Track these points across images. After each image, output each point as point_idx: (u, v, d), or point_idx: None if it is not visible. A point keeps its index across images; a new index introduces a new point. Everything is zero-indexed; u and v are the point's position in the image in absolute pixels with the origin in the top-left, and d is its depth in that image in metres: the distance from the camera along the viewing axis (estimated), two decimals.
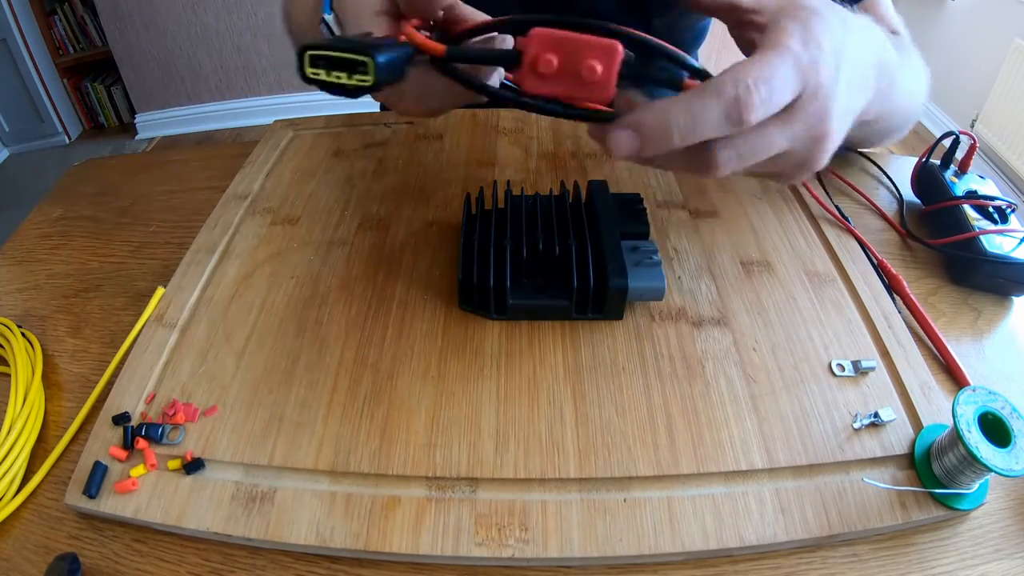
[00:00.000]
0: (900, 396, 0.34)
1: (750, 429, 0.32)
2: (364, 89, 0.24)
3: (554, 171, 0.50)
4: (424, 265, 0.42)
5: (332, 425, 0.32)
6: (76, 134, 2.34)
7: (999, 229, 0.42)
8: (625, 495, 0.30)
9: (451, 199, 0.47)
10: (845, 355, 0.36)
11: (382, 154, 0.52)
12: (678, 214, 0.46)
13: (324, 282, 0.40)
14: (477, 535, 0.28)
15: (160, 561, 0.29)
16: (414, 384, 0.34)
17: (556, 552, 0.28)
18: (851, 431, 0.32)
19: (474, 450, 0.31)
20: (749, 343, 0.37)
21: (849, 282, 0.40)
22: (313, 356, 0.36)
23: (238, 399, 0.34)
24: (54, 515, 0.31)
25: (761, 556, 0.29)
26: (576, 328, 0.37)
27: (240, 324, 0.38)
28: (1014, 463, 0.27)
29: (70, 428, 0.34)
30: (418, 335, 0.37)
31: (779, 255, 0.42)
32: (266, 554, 0.29)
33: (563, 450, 0.31)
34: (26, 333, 0.39)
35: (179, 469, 0.31)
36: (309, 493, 0.30)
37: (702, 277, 0.41)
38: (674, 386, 0.34)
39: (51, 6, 2.14)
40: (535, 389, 0.34)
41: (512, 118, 0.57)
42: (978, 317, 0.41)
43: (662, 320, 0.38)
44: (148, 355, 0.36)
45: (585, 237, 0.38)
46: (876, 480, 0.30)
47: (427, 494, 0.30)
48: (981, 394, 0.29)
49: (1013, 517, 0.31)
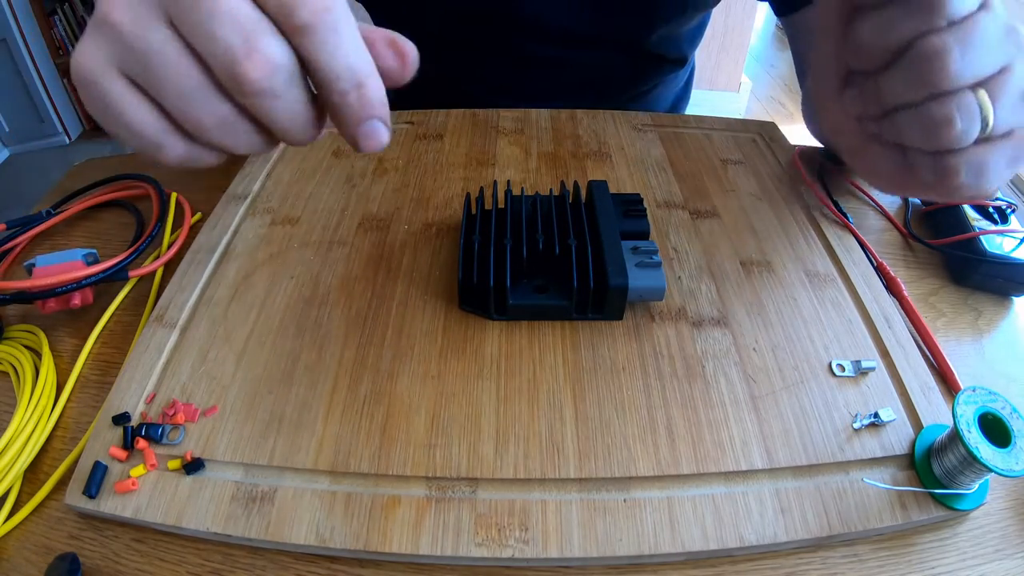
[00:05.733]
0: (900, 396, 0.34)
1: (750, 429, 0.32)
2: None
3: (554, 171, 0.50)
4: (424, 265, 0.42)
5: (332, 425, 0.32)
6: (76, 134, 2.34)
7: (999, 229, 0.42)
8: (625, 495, 0.30)
9: (451, 199, 0.47)
10: (845, 355, 0.36)
11: (382, 154, 0.52)
12: (678, 214, 0.46)
13: (324, 282, 0.40)
14: (477, 535, 0.28)
15: (160, 561, 0.29)
16: (414, 384, 0.34)
17: (556, 552, 0.28)
18: (851, 431, 0.32)
19: (474, 450, 0.31)
20: (749, 343, 0.37)
21: (849, 282, 0.40)
22: (313, 356, 0.36)
23: (238, 399, 0.34)
24: (54, 515, 0.31)
25: (761, 556, 0.29)
26: (576, 328, 0.37)
27: (240, 324, 0.38)
28: (1014, 463, 0.27)
29: (84, 435, 0.34)
30: (418, 335, 0.37)
31: (779, 255, 0.42)
32: (266, 554, 0.29)
33: (563, 450, 0.31)
34: (35, 331, 0.39)
35: (179, 469, 0.31)
36: (309, 493, 0.30)
37: (702, 277, 0.41)
38: (674, 386, 0.34)
39: (51, 6, 2.14)
40: (535, 389, 0.34)
41: (512, 118, 0.57)
42: (978, 317, 0.41)
43: (662, 320, 0.38)
44: (148, 355, 0.36)
45: (585, 237, 0.38)
46: (876, 480, 0.30)
47: (427, 494, 0.30)
48: (981, 394, 0.29)
49: (1013, 517, 0.31)
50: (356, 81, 0.22)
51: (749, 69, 2.46)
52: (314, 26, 0.21)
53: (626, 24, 0.58)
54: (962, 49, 0.26)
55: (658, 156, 0.52)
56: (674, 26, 0.61)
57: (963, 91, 0.27)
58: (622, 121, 0.57)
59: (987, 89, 0.27)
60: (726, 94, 2.39)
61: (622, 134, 0.55)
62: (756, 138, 0.55)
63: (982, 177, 0.28)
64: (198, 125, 0.22)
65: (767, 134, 0.56)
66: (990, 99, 0.27)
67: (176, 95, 0.22)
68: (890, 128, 0.30)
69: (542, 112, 0.58)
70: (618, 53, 0.62)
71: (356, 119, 0.23)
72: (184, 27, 0.21)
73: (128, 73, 0.22)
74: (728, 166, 0.51)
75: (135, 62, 0.21)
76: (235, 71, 0.21)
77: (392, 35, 0.23)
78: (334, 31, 0.21)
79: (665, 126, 0.56)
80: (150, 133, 0.23)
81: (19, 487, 0.32)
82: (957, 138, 0.27)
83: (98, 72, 0.22)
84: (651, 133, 0.55)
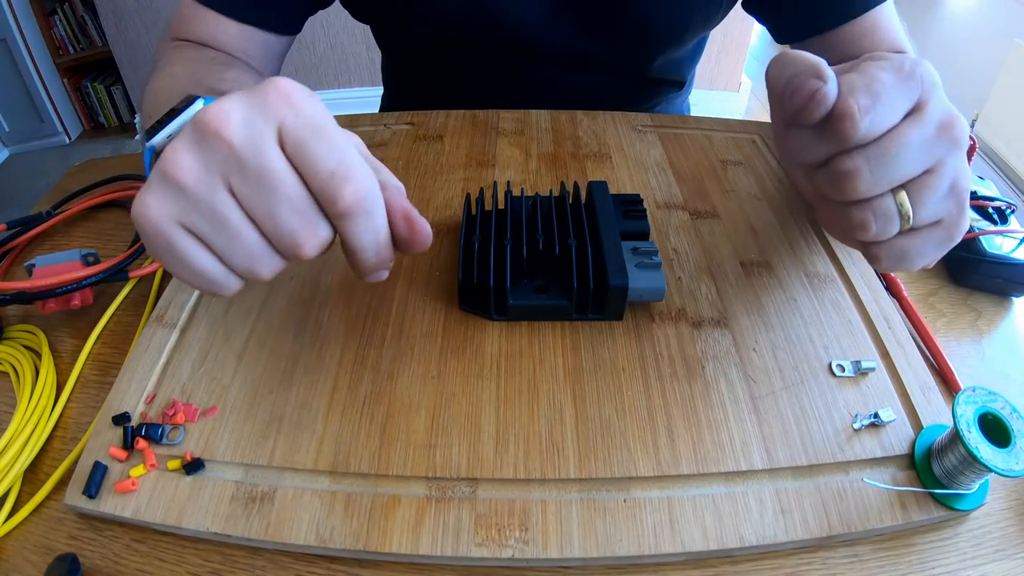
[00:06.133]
0: (900, 396, 0.34)
1: (750, 429, 0.32)
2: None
3: (554, 172, 0.50)
4: (424, 265, 0.42)
5: (332, 425, 0.32)
6: (76, 134, 2.34)
7: (999, 230, 0.42)
8: (625, 495, 0.30)
9: (451, 200, 0.47)
10: (845, 356, 0.36)
11: (382, 155, 0.52)
12: (678, 215, 0.46)
13: (324, 282, 0.40)
14: (477, 535, 0.28)
15: (160, 561, 0.29)
16: (414, 384, 0.34)
17: (556, 552, 0.28)
18: (851, 431, 0.32)
19: (474, 450, 0.31)
20: (749, 344, 0.37)
21: (849, 283, 0.40)
22: (313, 356, 0.36)
23: (238, 399, 0.34)
24: (54, 515, 0.31)
25: (761, 556, 0.29)
26: (576, 329, 0.37)
27: (240, 324, 0.38)
28: (1014, 463, 0.27)
29: (84, 435, 0.34)
30: (418, 335, 0.37)
31: (779, 256, 0.42)
32: (266, 554, 0.29)
33: (563, 450, 0.31)
34: (35, 331, 0.39)
35: (179, 469, 0.31)
36: (309, 493, 0.30)
37: (702, 278, 0.41)
38: (674, 387, 0.34)
39: (51, 6, 2.14)
40: (535, 389, 0.34)
41: (512, 119, 0.57)
42: (978, 317, 0.41)
43: (662, 321, 0.38)
44: (148, 355, 0.36)
45: (585, 238, 0.38)
46: (876, 480, 0.30)
47: (427, 494, 0.30)
48: (981, 394, 0.29)
49: (1013, 517, 0.31)
50: (377, 251, 0.27)
51: (749, 69, 2.46)
52: (352, 213, 0.25)
53: (625, 50, 0.58)
54: (874, 166, 0.27)
55: (658, 157, 0.52)
56: (673, 51, 0.61)
57: (880, 196, 0.28)
58: (622, 122, 0.57)
59: (909, 189, 0.28)
60: (726, 94, 2.39)
61: (622, 135, 0.55)
62: (756, 139, 0.55)
63: (905, 262, 0.30)
64: (254, 275, 0.26)
65: (767, 135, 0.56)
66: (912, 198, 0.28)
67: (238, 255, 0.25)
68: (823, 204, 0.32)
69: (542, 113, 0.58)
70: (617, 77, 0.62)
71: (367, 272, 0.28)
72: (245, 201, 0.24)
73: (191, 229, 0.25)
74: (728, 167, 0.51)
75: (201, 222, 0.25)
76: (295, 252, 0.25)
77: (409, 211, 0.28)
78: (367, 215, 0.26)
79: (665, 127, 0.56)
80: (211, 277, 0.26)
81: (19, 487, 0.32)
82: (875, 236, 0.29)
83: (164, 224, 0.24)
84: (651, 134, 0.55)
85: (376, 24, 0.65)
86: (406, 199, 0.29)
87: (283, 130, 0.24)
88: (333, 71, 2.24)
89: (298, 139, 0.24)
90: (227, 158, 0.24)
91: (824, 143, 0.29)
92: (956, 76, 1.99)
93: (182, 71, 0.44)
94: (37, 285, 0.38)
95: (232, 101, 0.24)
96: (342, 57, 2.21)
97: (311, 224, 0.25)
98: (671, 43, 0.58)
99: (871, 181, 0.27)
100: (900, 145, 0.27)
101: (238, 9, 0.49)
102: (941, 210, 0.29)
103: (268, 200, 0.24)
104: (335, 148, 0.24)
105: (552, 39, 0.57)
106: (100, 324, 0.40)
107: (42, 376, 0.36)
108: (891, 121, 0.27)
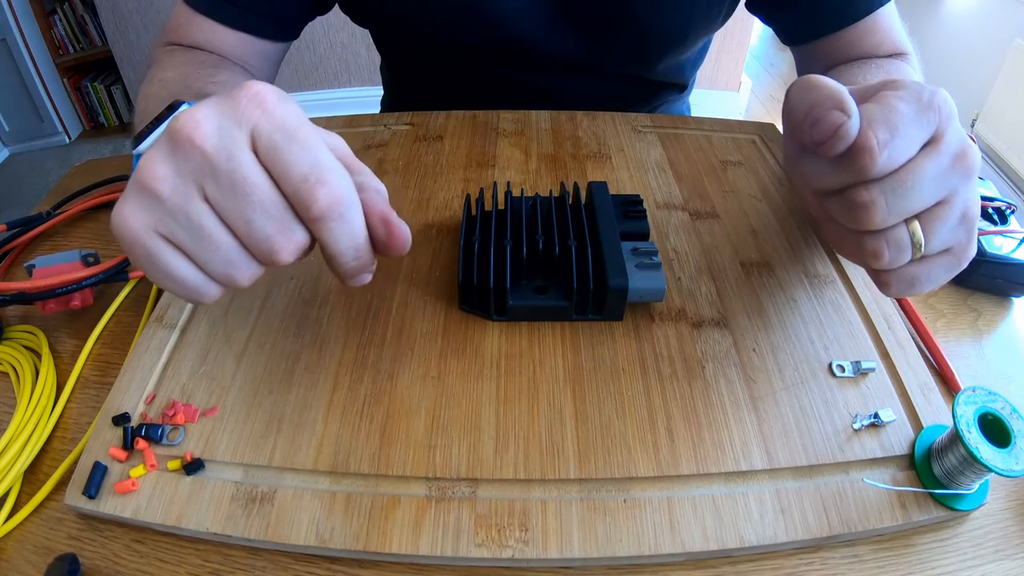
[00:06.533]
0: (900, 397, 0.34)
1: (750, 430, 0.32)
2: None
3: (554, 172, 0.50)
4: (424, 266, 0.42)
5: (332, 425, 0.32)
6: (76, 134, 2.34)
7: (999, 230, 0.42)
8: (625, 496, 0.30)
9: (451, 200, 0.47)
10: (845, 356, 0.36)
11: (382, 155, 0.52)
12: (678, 215, 0.46)
13: (324, 283, 0.40)
14: (477, 535, 0.28)
15: (160, 562, 0.29)
16: (414, 385, 0.34)
17: (556, 553, 0.28)
18: (851, 432, 0.32)
19: (474, 450, 0.31)
20: (749, 344, 0.37)
21: (849, 283, 0.40)
22: (313, 357, 0.36)
23: (238, 400, 0.34)
24: (54, 515, 0.31)
25: (761, 557, 0.29)
26: (576, 329, 0.37)
27: (240, 325, 0.38)
28: (1014, 463, 0.27)
29: (84, 436, 0.34)
30: (418, 335, 0.37)
31: (779, 256, 0.43)
32: (266, 555, 0.29)
33: (563, 451, 0.31)
34: (35, 332, 0.39)
35: (179, 470, 0.31)
36: (309, 493, 0.30)
37: (702, 278, 0.41)
38: (674, 387, 0.34)
39: (51, 6, 2.14)
40: (535, 390, 0.34)
41: (512, 120, 0.57)
42: (978, 318, 0.41)
43: (662, 321, 0.38)
44: (148, 355, 0.36)
45: (585, 238, 0.38)
46: (876, 481, 0.30)
47: (427, 494, 0.30)
48: (981, 394, 0.29)
49: (1013, 518, 0.31)
50: (356, 255, 0.27)
51: (749, 68, 2.46)
52: (326, 217, 0.25)
53: (625, 56, 0.58)
54: (890, 198, 0.27)
55: (658, 157, 0.52)
56: (675, 55, 0.61)
57: (894, 227, 0.28)
58: (622, 123, 0.57)
59: (923, 219, 0.28)
60: (726, 94, 2.39)
61: (622, 135, 0.55)
62: (756, 139, 0.55)
63: (915, 287, 0.30)
64: (232, 282, 0.26)
65: (767, 135, 0.56)
66: (925, 228, 0.28)
67: (215, 262, 0.25)
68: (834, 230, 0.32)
69: (542, 114, 0.58)
70: (618, 82, 0.62)
71: (348, 276, 0.28)
72: (219, 207, 0.24)
73: (168, 237, 0.25)
74: (728, 167, 0.51)
75: (178, 230, 0.25)
76: (272, 258, 0.25)
77: (387, 215, 0.28)
78: (341, 219, 0.25)
79: (665, 127, 0.56)
80: (191, 285, 0.26)
81: (19, 487, 0.32)
82: (887, 264, 0.29)
83: (141, 234, 0.25)
84: (651, 134, 0.55)
85: (376, 29, 0.65)
86: (386, 202, 0.28)
87: (255, 135, 0.24)
88: (333, 71, 2.24)
89: (270, 143, 0.24)
90: (200, 165, 0.24)
91: (840, 173, 0.28)
92: (956, 76, 1.99)
93: (173, 76, 0.44)
94: (37, 286, 0.38)
95: (205, 107, 0.24)
96: (342, 57, 2.21)
97: (286, 229, 0.25)
98: (672, 48, 0.58)
99: (886, 213, 0.27)
100: (917, 178, 0.27)
101: (233, 17, 0.49)
102: (952, 239, 0.29)
103: (241, 206, 0.24)
104: (308, 151, 0.24)
105: (552, 47, 0.56)
106: (100, 324, 0.40)
107: (42, 376, 0.36)
108: (909, 154, 0.27)
